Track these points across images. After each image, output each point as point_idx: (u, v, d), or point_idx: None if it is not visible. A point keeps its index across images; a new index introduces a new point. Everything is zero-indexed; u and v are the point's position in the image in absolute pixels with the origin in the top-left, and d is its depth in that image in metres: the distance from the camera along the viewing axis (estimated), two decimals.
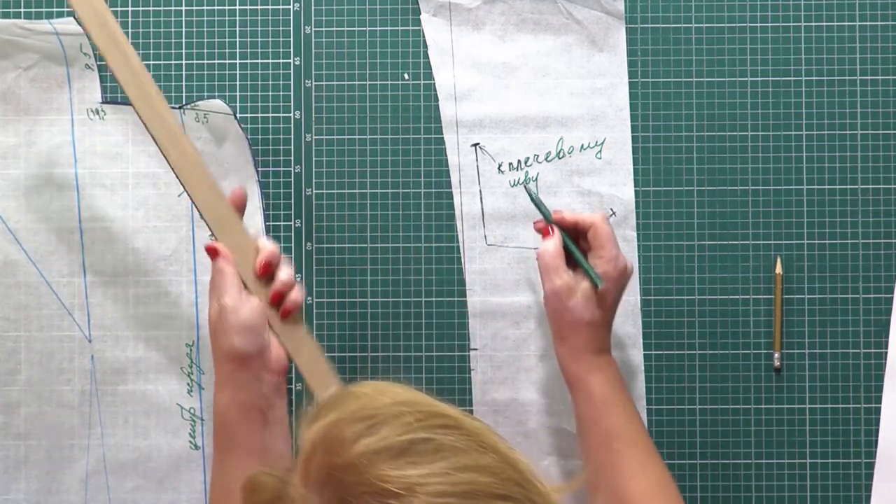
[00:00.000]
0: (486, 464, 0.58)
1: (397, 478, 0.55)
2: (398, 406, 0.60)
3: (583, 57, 1.03)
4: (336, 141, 1.03)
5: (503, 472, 0.58)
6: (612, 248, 0.90)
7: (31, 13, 1.03)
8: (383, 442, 0.57)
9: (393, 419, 0.58)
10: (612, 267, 0.90)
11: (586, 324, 0.90)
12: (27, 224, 1.03)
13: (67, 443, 1.03)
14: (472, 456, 0.58)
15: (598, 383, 0.89)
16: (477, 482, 0.56)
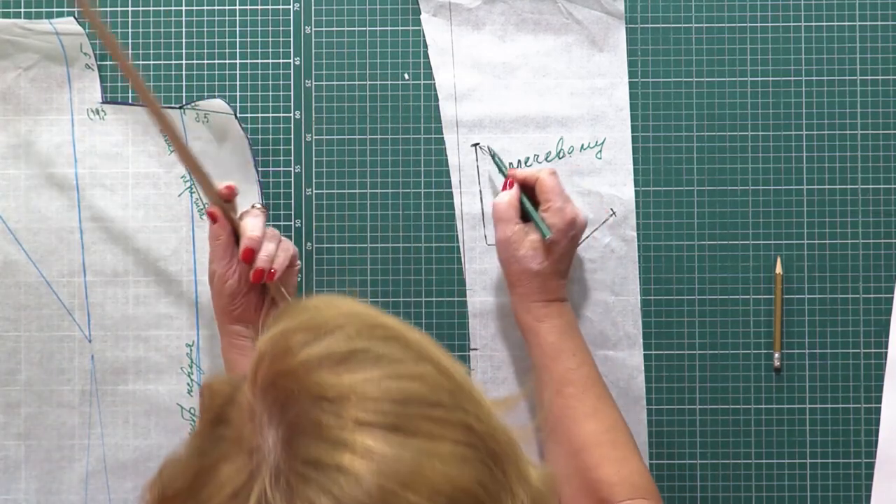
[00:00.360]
0: (421, 373, 0.61)
1: (333, 384, 0.58)
2: (344, 318, 0.63)
3: (583, 57, 1.03)
4: (336, 141, 1.03)
5: (437, 381, 0.61)
6: (556, 200, 0.94)
7: (31, 13, 1.03)
8: (325, 351, 0.60)
9: (337, 330, 0.61)
10: (559, 218, 0.94)
11: (534, 273, 0.94)
12: (27, 224, 1.03)
13: (67, 443, 1.03)
14: (407, 366, 0.61)
15: (547, 331, 0.94)
16: (409, 389, 0.59)
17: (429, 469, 0.57)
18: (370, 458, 0.56)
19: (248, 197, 1.02)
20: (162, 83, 1.03)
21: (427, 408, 0.59)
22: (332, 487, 0.56)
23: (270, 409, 0.59)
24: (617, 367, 1.02)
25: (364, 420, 0.57)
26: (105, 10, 1.03)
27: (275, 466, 0.57)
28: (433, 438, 0.58)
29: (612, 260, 1.02)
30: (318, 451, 0.57)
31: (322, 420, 0.57)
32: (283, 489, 0.56)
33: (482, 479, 0.59)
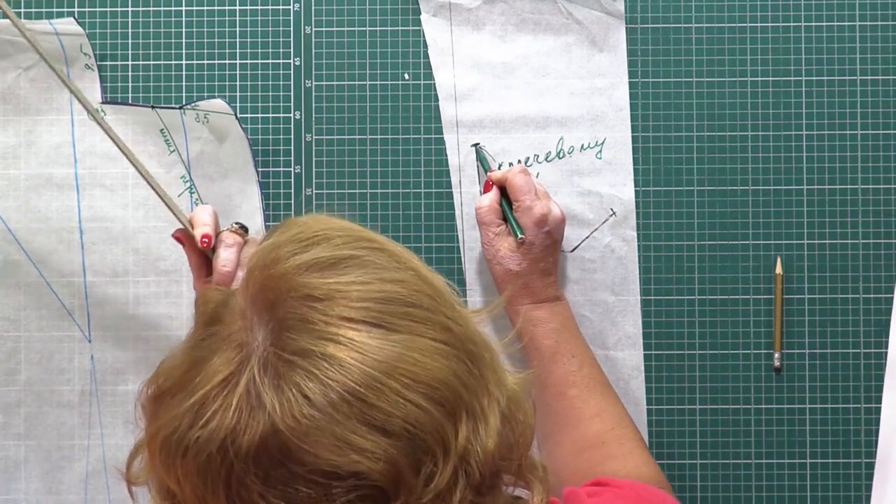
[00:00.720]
0: (402, 278, 0.65)
1: (320, 285, 0.63)
2: (330, 230, 0.68)
3: (583, 57, 1.02)
4: (336, 141, 1.03)
5: (417, 286, 0.66)
6: (525, 199, 0.94)
7: (31, 13, 1.03)
8: (313, 258, 0.65)
9: (325, 241, 0.66)
10: (528, 217, 0.94)
11: (515, 274, 0.95)
12: (27, 224, 1.03)
13: (67, 443, 1.03)
14: (390, 271, 0.66)
15: (542, 335, 0.95)
16: (391, 290, 0.64)
17: (409, 359, 0.62)
18: (353, 348, 0.61)
19: (249, 197, 1.02)
20: (162, 83, 1.03)
21: (407, 307, 0.64)
22: (317, 372, 0.60)
23: (260, 310, 0.63)
24: (617, 367, 1.02)
25: (348, 316, 0.62)
26: (105, 11, 1.03)
27: (263, 356, 0.61)
28: (413, 334, 0.63)
29: (612, 260, 1.02)
30: (305, 342, 0.61)
31: (309, 316, 0.62)
32: (270, 375, 0.60)
33: (460, 374, 0.63)
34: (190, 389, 0.62)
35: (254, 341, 0.62)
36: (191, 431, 0.61)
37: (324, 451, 0.60)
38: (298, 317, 0.62)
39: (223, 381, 0.62)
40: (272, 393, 0.60)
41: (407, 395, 0.61)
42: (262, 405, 0.60)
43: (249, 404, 0.60)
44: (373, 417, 0.60)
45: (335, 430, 0.60)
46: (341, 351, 0.61)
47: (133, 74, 1.03)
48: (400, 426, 0.61)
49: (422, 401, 0.61)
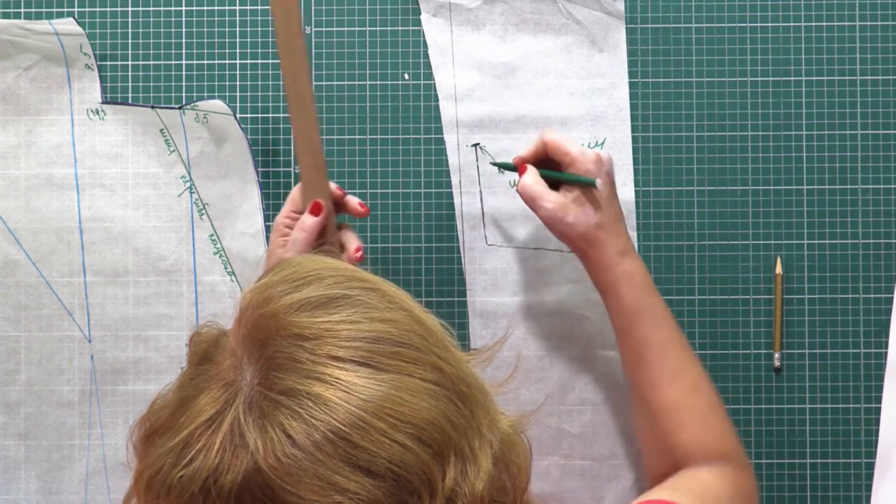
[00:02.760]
0: (393, 318, 0.65)
1: (310, 325, 0.63)
2: (324, 270, 0.68)
3: (583, 57, 1.03)
4: (336, 141, 1.03)
5: (409, 326, 0.65)
6: (574, 148, 0.89)
7: (31, 13, 1.03)
8: (304, 297, 0.65)
9: (317, 280, 0.66)
10: (585, 162, 0.89)
11: (596, 226, 0.89)
12: (27, 224, 1.03)
13: (67, 443, 1.03)
14: (381, 311, 0.65)
15: (625, 292, 0.89)
16: (381, 330, 0.64)
17: (396, 399, 0.61)
18: (340, 387, 0.61)
19: (249, 197, 1.02)
20: (162, 83, 1.03)
21: (397, 346, 0.63)
22: (301, 412, 0.60)
23: (250, 349, 0.63)
24: (617, 367, 1.02)
25: (336, 355, 0.62)
26: (105, 11, 1.03)
27: (249, 395, 0.61)
28: (402, 374, 0.62)
29: None
30: (292, 381, 0.61)
31: (297, 355, 0.62)
32: (255, 414, 0.60)
33: (449, 415, 0.63)
34: (175, 429, 0.63)
35: (242, 380, 0.62)
36: (174, 471, 0.61)
37: (306, 491, 0.59)
38: (287, 356, 0.62)
39: (208, 420, 0.62)
40: (256, 432, 0.60)
41: (393, 435, 0.61)
42: (245, 445, 0.60)
43: (233, 443, 0.60)
44: (357, 458, 0.60)
45: (318, 471, 0.59)
46: (328, 390, 0.61)
47: (133, 74, 1.03)
48: (385, 467, 0.60)
49: (408, 441, 0.61)
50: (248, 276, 1.02)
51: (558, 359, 1.02)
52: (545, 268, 1.02)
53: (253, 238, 1.02)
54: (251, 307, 0.65)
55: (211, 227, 1.03)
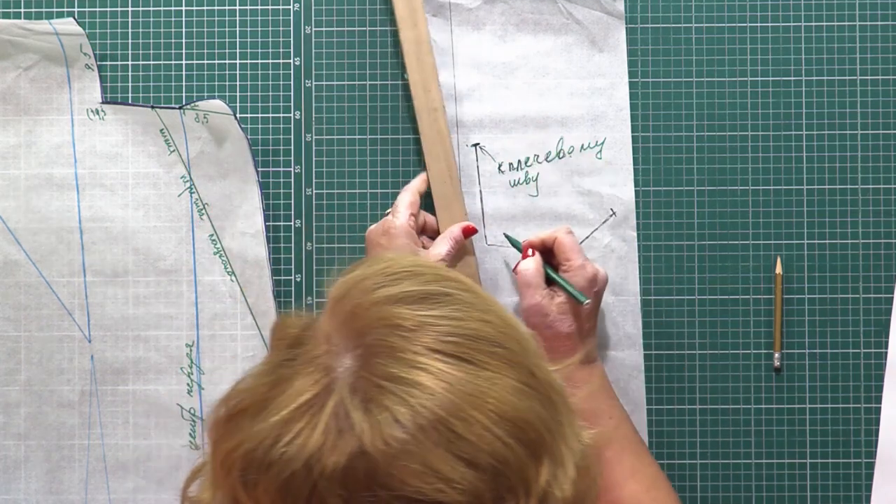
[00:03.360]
0: (490, 319, 0.65)
1: (411, 315, 0.63)
2: (418, 267, 0.68)
3: (583, 57, 1.03)
4: (336, 141, 1.03)
5: (504, 328, 0.66)
6: (576, 258, 0.95)
7: (31, 13, 1.03)
8: (402, 291, 0.65)
9: (412, 276, 0.67)
10: (581, 276, 0.94)
11: (566, 336, 0.94)
12: (27, 224, 1.03)
13: (67, 443, 1.03)
14: (479, 311, 0.66)
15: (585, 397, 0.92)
16: (479, 328, 0.64)
17: (496, 395, 0.62)
18: (442, 378, 0.61)
19: (249, 197, 1.02)
20: (162, 83, 1.03)
21: (495, 347, 0.64)
22: (407, 398, 0.60)
23: (346, 336, 0.64)
24: (617, 367, 1.02)
25: (437, 348, 0.62)
26: (105, 11, 1.03)
27: (352, 380, 0.61)
28: (500, 373, 0.63)
29: (612, 260, 1.02)
30: (394, 369, 0.61)
31: (398, 345, 0.62)
32: (360, 398, 0.61)
33: (543, 417, 0.63)
34: (273, 408, 0.62)
35: (340, 365, 0.62)
36: (275, 448, 0.61)
37: (410, 476, 0.59)
38: (387, 345, 0.62)
39: (309, 401, 0.62)
40: (361, 415, 0.60)
41: (494, 430, 0.61)
42: (351, 427, 0.60)
43: (337, 425, 0.60)
44: (460, 449, 0.60)
45: (423, 457, 0.60)
46: (430, 380, 0.61)
47: (133, 74, 1.03)
48: (486, 461, 0.60)
49: (508, 438, 0.61)
50: (249, 275, 1.02)
51: None
52: None
53: (253, 238, 1.02)
54: (346, 297, 0.66)
55: (211, 227, 1.03)
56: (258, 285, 1.02)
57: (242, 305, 1.02)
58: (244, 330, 1.03)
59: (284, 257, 1.03)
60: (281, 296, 1.03)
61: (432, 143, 1.00)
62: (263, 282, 1.02)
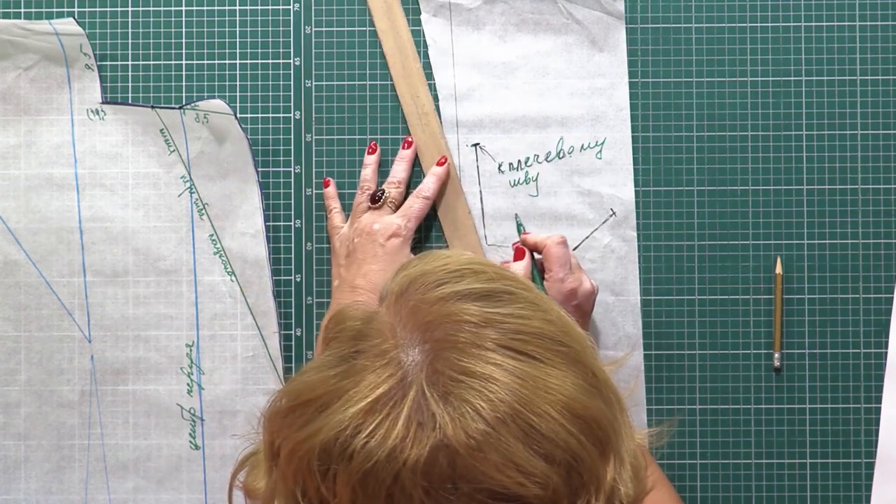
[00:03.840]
0: (553, 319, 0.66)
1: (478, 312, 0.64)
2: (478, 265, 0.69)
3: (583, 57, 1.03)
4: (336, 141, 1.03)
5: (566, 329, 0.66)
6: (558, 271, 0.95)
7: (31, 13, 1.03)
8: (467, 287, 0.66)
9: (474, 274, 0.67)
10: (556, 290, 0.94)
11: None
12: (27, 224, 1.03)
13: (67, 443, 1.03)
14: (542, 311, 0.66)
15: None
16: (543, 327, 0.65)
17: (567, 393, 0.62)
18: (515, 373, 0.61)
19: (249, 197, 1.02)
20: (162, 83, 1.03)
21: (559, 346, 0.64)
22: (484, 391, 0.61)
23: (413, 330, 0.64)
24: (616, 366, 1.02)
25: (506, 345, 0.63)
26: (105, 11, 1.03)
27: (428, 373, 0.62)
28: (566, 370, 0.63)
29: (612, 260, 1.02)
30: (468, 363, 0.62)
31: (468, 339, 0.63)
32: (439, 391, 0.61)
33: (607, 416, 0.64)
34: (348, 399, 0.62)
35: (411, 360, 0.62)
36: (357, 438, 0.61)
37: (491, 468, 0.60)
38: (457, 340, 0.63)
39: (386, 393, 0.62)
40: (442, 408, 0.60)
41: (567, 426, 0.61)
42: (433, 419, 0.60)
43: (418, 418, 0.61)
44: (538, 443, 0.61)
45: (504, 449, 0.60)
46: (504, 375, 0.61)
47: (133, 74, 1.03)
48: (561, 456, 0.61)
49: (580, 434, 0.62)
50: (249, 275, 1.02)
51: None
52: None
53: (253, 238, 1.02)
54: (409, 291, 0.66)
55: (211, 227, 1.03)
56: (258, 285, 1.02)
57: (242, 305, 1.02)
58: (244, 330, 1.03)
59: (284, 257, 1.03)
60: (281, 296, 1.03)
61: (427, 147, 1.01)
62: (263, 282, 1.02)
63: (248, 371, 1.02)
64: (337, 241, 1.00)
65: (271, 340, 1.02)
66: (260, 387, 1.02)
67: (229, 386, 1.02)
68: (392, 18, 1.01)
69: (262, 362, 1.02)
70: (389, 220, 0.98)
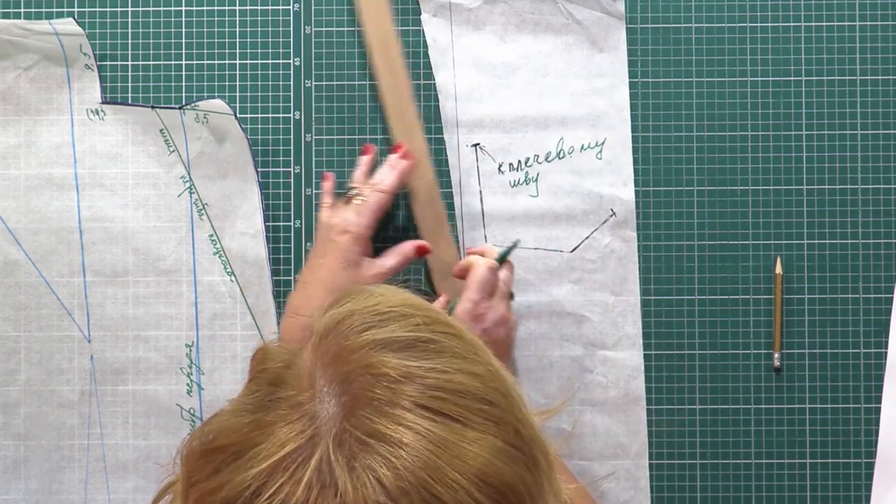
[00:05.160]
0: (479, 372, 0.64)
1: (398, 365, 0.62)
2: (408, 308, 0.66)
3: (583, 57, 1.03)
4: (336, 141, 1.03)
5: (493, 382, 0.64)
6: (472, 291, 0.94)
7: (31, 13, 1.03)
8: (391, 335, 0.64)
9: (402, 318, 0.65)
10: (464, 310, 0.93)
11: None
12: (27, 224, 1.03)
13: (67, 443, 1.03)
14: (468, 363, 0.64)
15: None
16: (467, 383, 0.62)
17: (482, 460, 0.60)
18: (430, 439, 0.59)
19: (248, 197, 1.02)
20: (162, 83, 1.03)
21: (482, 404, 0.62)
22: (392, 459, 0.59)
23: (332, 380, 0.62)
24: (617, 367, 1.02)
25: (424, 404, 0.60)
26: (105, 11, 1.03)
27: (338, 433, 0.60)
28: (487, 433, 0.61)
29: (613, 260, 1.02)
30: (380, 424, 0.60)
31: (384, 397, 0.60)
32: (345, 454, 0.59)
33: (526, 481, 0.62)
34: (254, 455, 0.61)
35: (325, 414, 0.61)
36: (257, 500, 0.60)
37: None
38: (373, 396, 0.61)
39: (293, 452, 0.60)
40: (346, 474, 0.59)
41: (476, 495, 0.59)
42: (335, 484, 0.59)
43: (320, 482, 0.59)
44: None
45: None
46: (417, 441, 0.59)
47: (133, 74, 1.03)
48: None
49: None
50: (249, 275, 1.02)
51: (558, 359, 1.02)
52: (545, 268, 1.02)
53: (253, 238, 1.02)
54: (333, 335, 0.64)
55: (211, 227, 1.03)
56: (258, 285, 1.02)
57: (242, 305, 1.02)
58: (244, 330, 1.03)
59: (284, 257, 1.03)
60: (281, 296, 1.03)
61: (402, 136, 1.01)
62: (263, 282, 1.02)
63: (247, 371, 1.02)
64: None
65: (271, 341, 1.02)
66: None
67: (229, 386, 1.02)
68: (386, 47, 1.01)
69: None
70: (344, 215, 0.97)
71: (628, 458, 1.02)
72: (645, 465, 1.02)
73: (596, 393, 1.02)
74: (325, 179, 1.01)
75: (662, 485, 1.02)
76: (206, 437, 0.64)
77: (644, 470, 1.01)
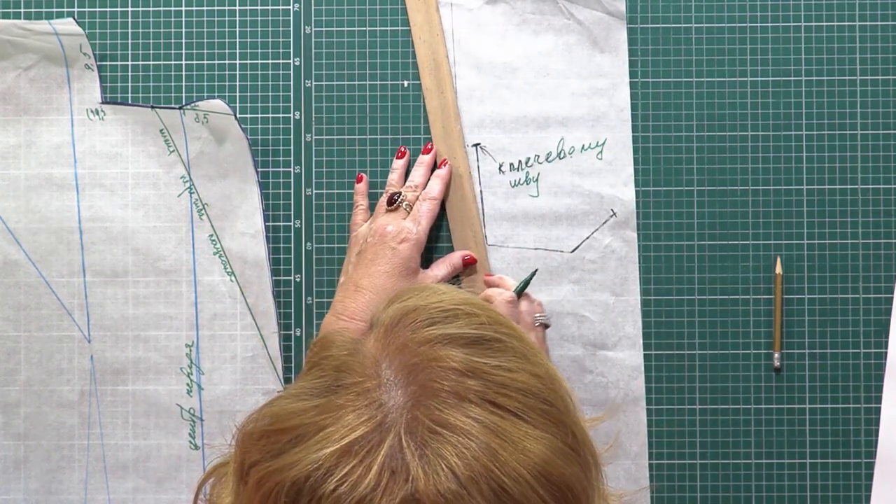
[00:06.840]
0: (539, 373, 0.65)
1: (466, 360, 0.63)
2: (471, 307, 0.67)
3: (584, 57, 1.03)
4: (336, 141, 1.03)
5: (553, 384, 0.65)
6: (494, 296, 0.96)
7: (31, 13, 1.03)
8: (458, 331, 0.65)
9: (466, 316, 0.66)
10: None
11: None
12: (27, 224, 1.03)
13: (67, 443, 1.03)
14: (529, 363, 0.65)
15: None
16: (531, 384, 0.64)
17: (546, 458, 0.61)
18: (498, 433, 0.61)
19: (248, 197, 1.02)
20: (162, 83, 1.03)
21: (543, 404, 0.63)
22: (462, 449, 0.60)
23: (398, 370, 0.63)
24: (617, 367, 1.02)
25: (488, 397, 0.62)
26: (105, 11, 1.03)
27: (408, 421, 0.61)
28: (549, 433, 0.62)
29: (613, 260, 1.02)
30: (450, 416, 0.61)
31: (450, 388, 0.62)
32: (417, 442, 0.60)
33: (583, 483, 0.63)
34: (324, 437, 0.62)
35: (392, 402, 0.62)
36: (328, 481, 0.60)
37: None
38: (441, 388, 0.62)
39: (363, 437, 0.61)
40: (417, 461, 0.60)
41: (539, 490, 0.60)
42: (406, 470, 0.60)
43: (391, 467, 0.60)
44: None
45: None
46: (484, 433, 0.60)
47: (133, 74, 1.03)
48: None
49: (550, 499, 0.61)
50: (249, 275, 1.02)
51: (558, 359, 1.02)
52: (545, 268, 1.02)
53: (253, 238, 1.02)
54: (399, 327, 0.65)
55: (210, 227, 1.03)
56: (258, 285, 1.02)
57: (242, 305, 1.02)
58: (244, 330, 1.03)
59: (284, 257, 1.03)
60: (281, 296, 1.03)
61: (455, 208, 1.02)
62: (263, 282, 1.02)
63: (247, 371, 1.02)
64: (353, 239, 1.00)
65: (271, 341, 1.02)
66: (259, 387, 1.02)
67: (229, 386, 1.02)
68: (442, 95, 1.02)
69: (262, 362, 1.02)
70: (402, 223, 0.97)
71: (628, 458, 1.02)
72: (645, 465, 1.02)
73: (596, 393, 1.02)
74: (358, 181, 1.02)
75: (662, 485, 1.02)
76: (264, 420, 0.65)
77: (644, 470, 1.01)
